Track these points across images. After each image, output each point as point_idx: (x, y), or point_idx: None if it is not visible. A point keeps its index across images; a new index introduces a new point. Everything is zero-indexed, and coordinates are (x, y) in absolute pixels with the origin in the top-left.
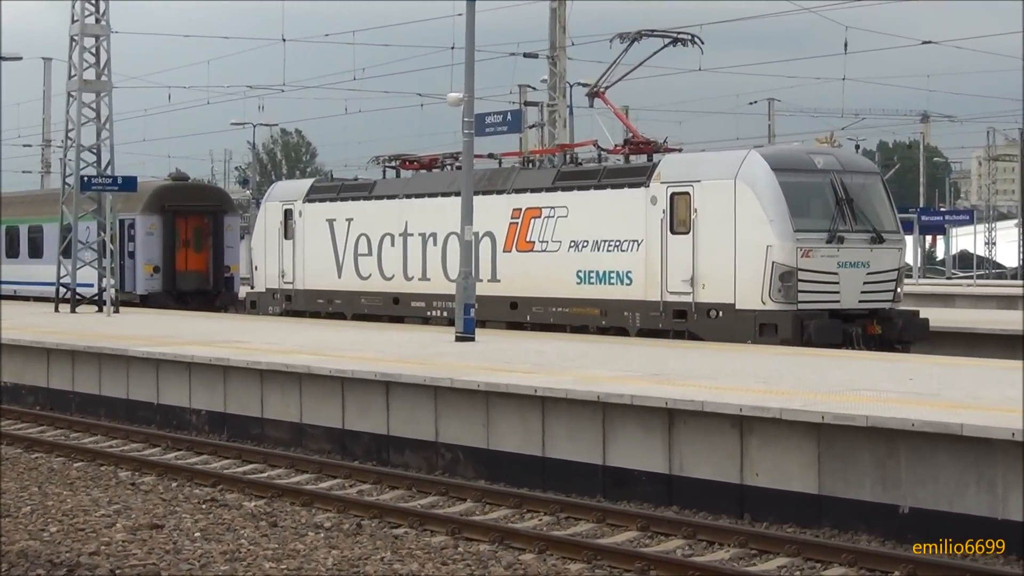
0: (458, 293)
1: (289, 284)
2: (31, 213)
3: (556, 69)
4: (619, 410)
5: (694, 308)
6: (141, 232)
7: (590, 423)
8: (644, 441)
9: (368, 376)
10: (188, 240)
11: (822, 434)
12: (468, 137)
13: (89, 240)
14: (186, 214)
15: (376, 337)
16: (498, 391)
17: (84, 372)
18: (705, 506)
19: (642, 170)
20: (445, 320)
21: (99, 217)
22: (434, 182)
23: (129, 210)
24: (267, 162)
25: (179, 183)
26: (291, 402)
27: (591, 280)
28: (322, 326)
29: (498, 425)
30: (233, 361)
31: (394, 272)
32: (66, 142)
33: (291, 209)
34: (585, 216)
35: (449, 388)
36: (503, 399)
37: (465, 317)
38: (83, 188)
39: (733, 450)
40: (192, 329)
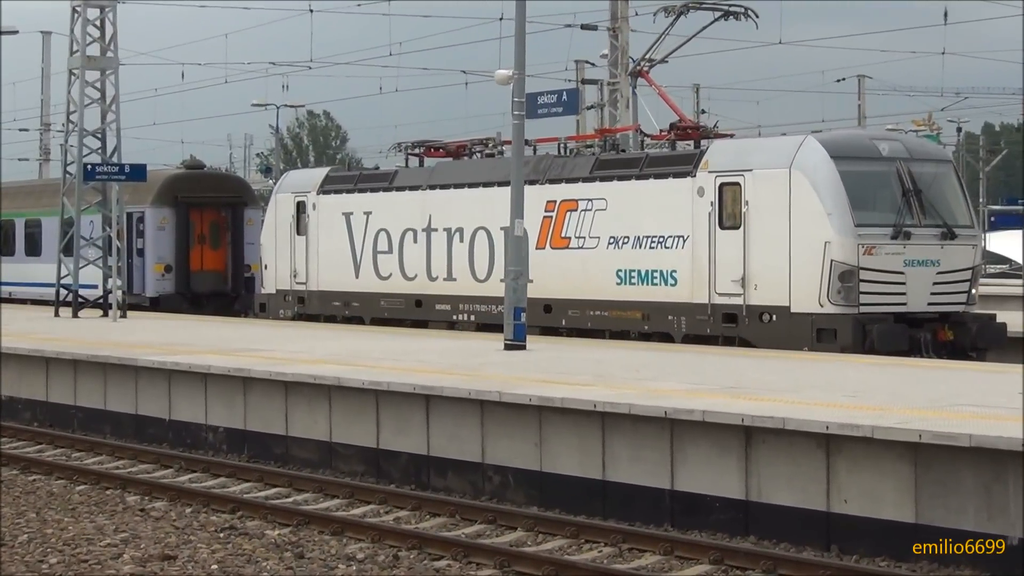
0: (507, 295)
1: (302, 285)
2: (28, 206)
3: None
4: (689, 428)
5: (745, 311)
6: (151, 227)
7: (656, 442)
8: (718, 463)
9: (406, 389)
10: (204, 236)
11: (919, 455)
12: (518, 120)
13: (93, 236)
14: (201, 207)
15: (415, 345)
16: (552, 406)
17: (87, 384)
18: (787, 536)
19: (688, 158)
20: (472, 325)
21: (104, 210)
22: (461, 171)
23: (138, 202)
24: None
25: (194, 172)
26: (319, 418)
27: (632, 280)
28: (353, 333)
29: (552, 444)
30: (254, 372)
31: (416, 272)
32: (67, 126)
33: (304, 201)
34: (626, 209)
35: (497, 402)
36: (558, 415)
37: (515, 322)
38: (86, 178)
39: (819, 473)
40: (208, 336)
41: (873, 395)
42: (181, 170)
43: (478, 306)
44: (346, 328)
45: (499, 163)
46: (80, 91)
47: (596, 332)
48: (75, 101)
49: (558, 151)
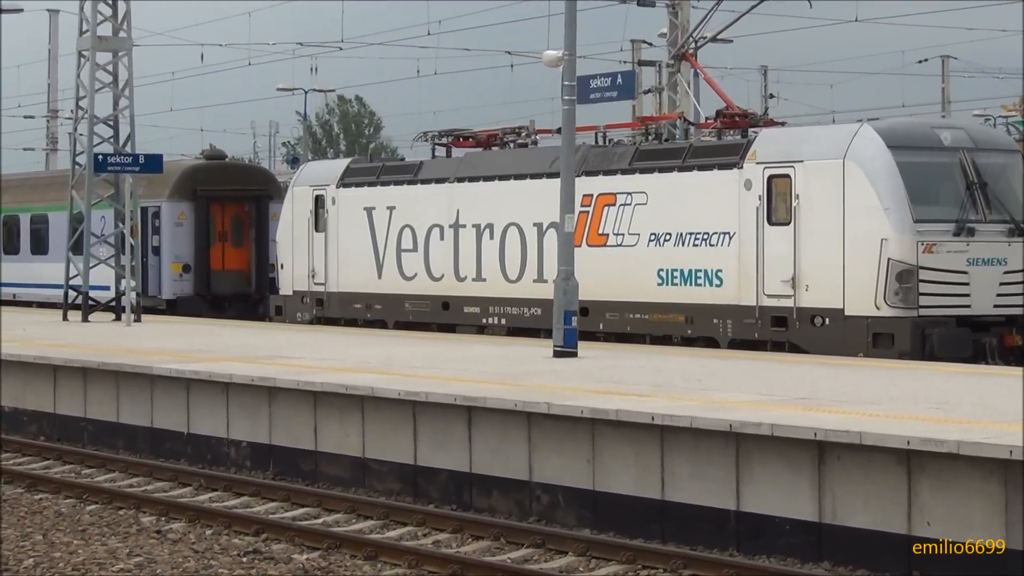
0: (557, 297)
1: (320, 286)
2: (34, 200)
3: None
4: (757, 442)
5: (795, 314)
6: (168, 223)
7: (721, 459)
8: (788, 481)
9: (446, 399)
10: (225, 233)
11: (1009, 473)
12: (569, 105)
13: (104, 233)
14: (223, 201)
15: (455, 351)
16: (606, 419)
17: (98, 394)
18: (864, 562)
19: (734, 148)
20: (503, 329)
21: (117, 204)
22: (492, 163)
23: (153, 196)
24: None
25: (214, 163)
26: (351, 432)
27: (674, 281)
28: (387, 339)
29: (607, 461)
30: (280, 381)
31: (443, 272)
32: (76, 112)
33: (323, 195)
34: (667, 203)
35: (546, 415)
36: (613, 429)
37: (565, 327)
38: (97, 169)
39: (899, 493)
40: (230, 342)
41: (959, 407)
42: (200, 161)
43: (509, 309)
44: (379, 333)
45: (533, 154)
46: (90, 74)
47: (636, 337)
48: (85, 85)
49: (595, 141)
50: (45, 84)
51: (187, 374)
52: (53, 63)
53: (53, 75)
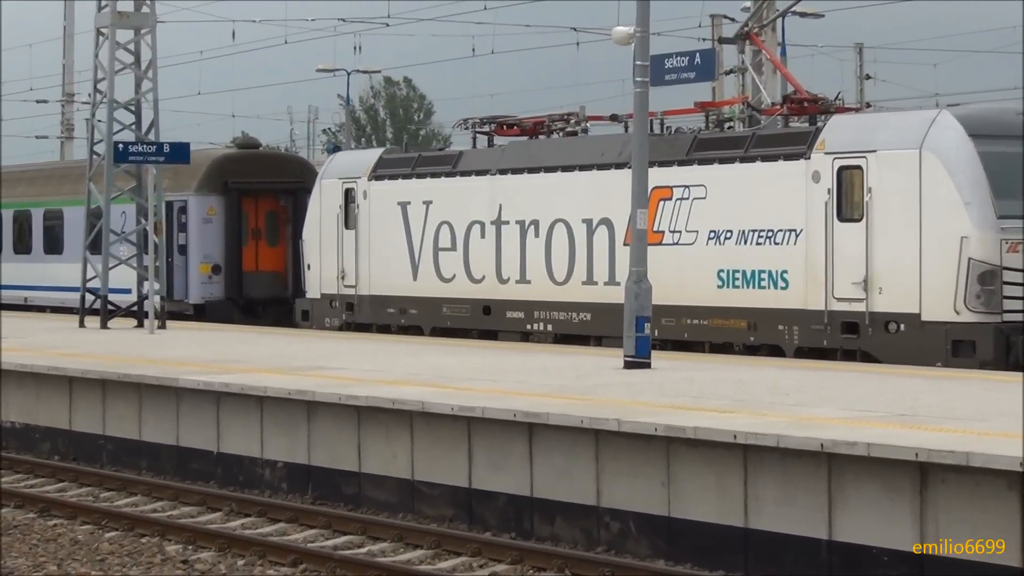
0: (628, 301)
1: (351, 288)
2: (47, 193)
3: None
4: (851, 464)
5: (868, 320)
6: (196, 219)
7: (811, 482)
8: (886, 507)
9: (504, 415)
10: (259, 230)
11: None
12: (641, 87)
13: (125, 230)
14: (256, 194)
15: (516, 361)
16: (683, 437)
17: (119, 409)
18: None
19: (801, 137)
20: (549, 336)
21: (139, 198)
22: (537, 153)
23: (179, 189)
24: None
25: (247, 152)
26: (399, 451)
27: (735, 283)
28: (439, 347)
29: (683, 484)
30: (320, 395)
31: (484, 273)
32: (94, 96)
33: (353, 189)
34: (728, 198)
35: (616, 432)
36: (690, 448)
37: (637, 335)
38: (117, 159)
39: (1011, 522)
40: (265, 351)
41: None
42: (232, 150)
43: (556, 313)
44: (427, 342)
45: (582, 143)
46: (110, 54)
47: (694, 345)
48: (104, 66)
49: (650, 129)
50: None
51: (217, 387)
52: (68, 41)
53: (68, 55)
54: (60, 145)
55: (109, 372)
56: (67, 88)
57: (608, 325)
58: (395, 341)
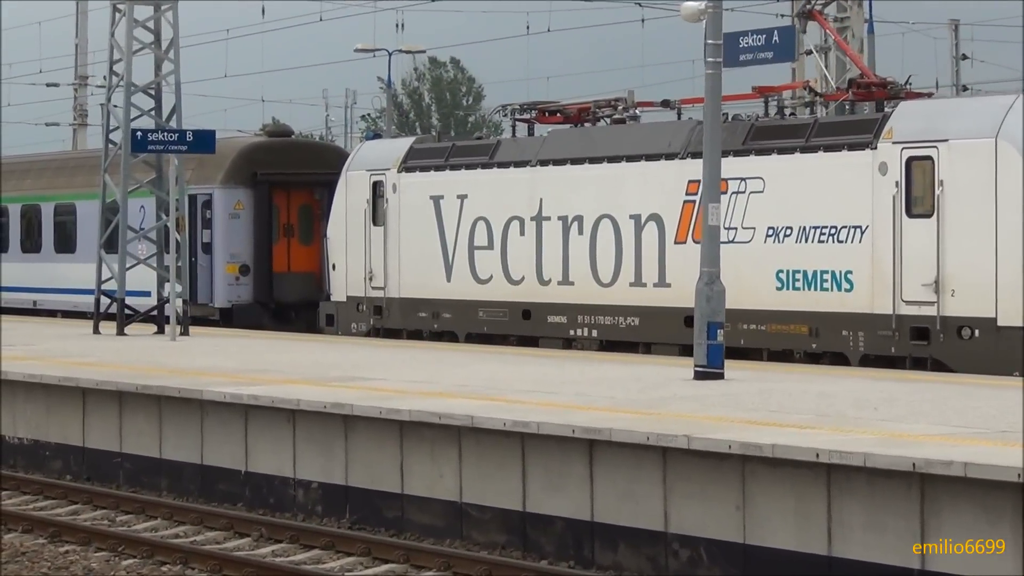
0: (699, 306)
1: (379, 290)
2: (58, 186)
3: None
4: (947, 485)
5: (939, 325)
6: (222, 214)
7: (902, 505)
8: (985, 534)
9: (562, 431)
10: (291, 226)
11: None
12: (713, 69)
13: (144, 226)
14: (289, 187)
15: (575, 371)
16: (760, 455)
17: (137, 424)
18: None
19: (867, 125)
20: (594, 343)
21: (159, 191)
22: (581, 142)
23: (204, 181)
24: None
25: (278, 140)
26: (446, 471)
27: (796, 284)
28: (490, 356)
29: (760, 507)
30: (359, 408)
31: (523, 273)
32: (110, 79)
33: (381, 181)
34: (788, 191)
35: (685, 450)
36: (768, 468)
37: (709, 343)
38: (135, 148)
39: None
40: (298, 360)
41: None
42: (261, 138)
43: (601, 318)
44: (479, 350)
45: (631, 131)
46: (127, 33)
47: (751, 352)
48: (120, 46)
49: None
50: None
51: (245, 399)
52: (81, 18)
53: (81, 34)
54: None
55: (126, 383)
56: (80, 70)
57: (658, 331)
58: (441, 349)
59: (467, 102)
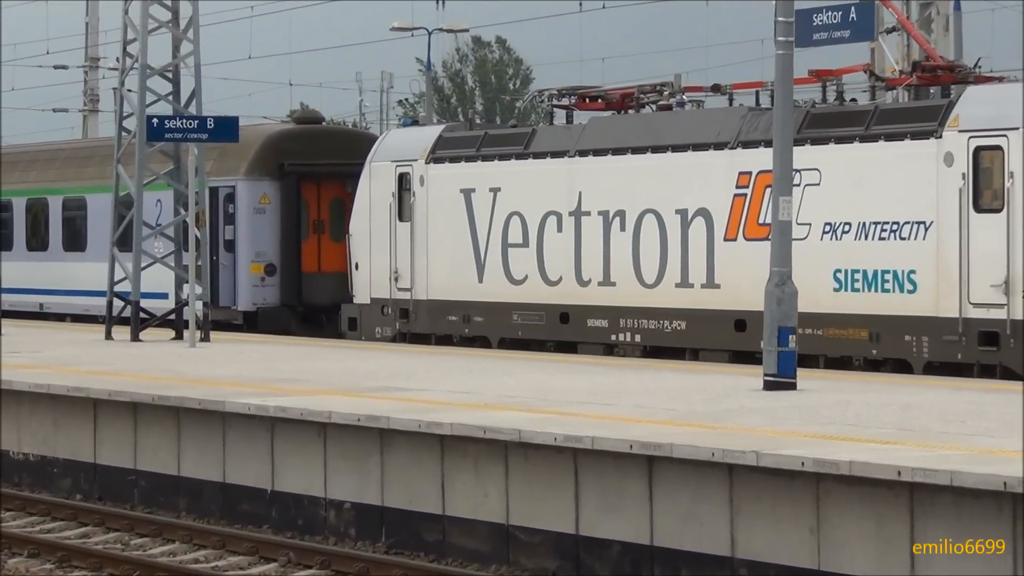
0: (769, 309)
1: (406, 292)
2: (67, 178)
3: None
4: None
5: (1009, 329)
6: (246, 208)
7: (991, 528)
8: None
9: (619, 447)
10: (322, 222)
11: None
12: (784, 49)
13: (161, 222)
14: (319, 179)
15: (633, 381)
16: (836, 473)
17: (153, 438)
18: None
19: (931, 112)
20: (638, 348)
21: (177, 184)
22: (624, 131)
23: (226, 172)
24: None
25: (307, 128)
26: (491, 490)
27: (855, 285)
28: (539, 364)
29: (836, 530)
30: (396, 421)
31: (561, 273)
32: (123, 61)
33: (408, 173)
34: (846, 184)
35: (754, 468)
36: (845, 487)
37: (780, 350)
38: (151, 136)
39: None
40: (329, 368)
41: None
42: (289, 125)
43: (645, 322)
44: (529, 357)
45: (678, 119)
46: (143, 11)
47: (807, 359)
48: (135, 25)
49: (755, 101)
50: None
51: (271, 411)
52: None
53: (92, 12)
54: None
55: (142, 393)
56: (91, 51)
57: (707, 336)
58: (485, 356)
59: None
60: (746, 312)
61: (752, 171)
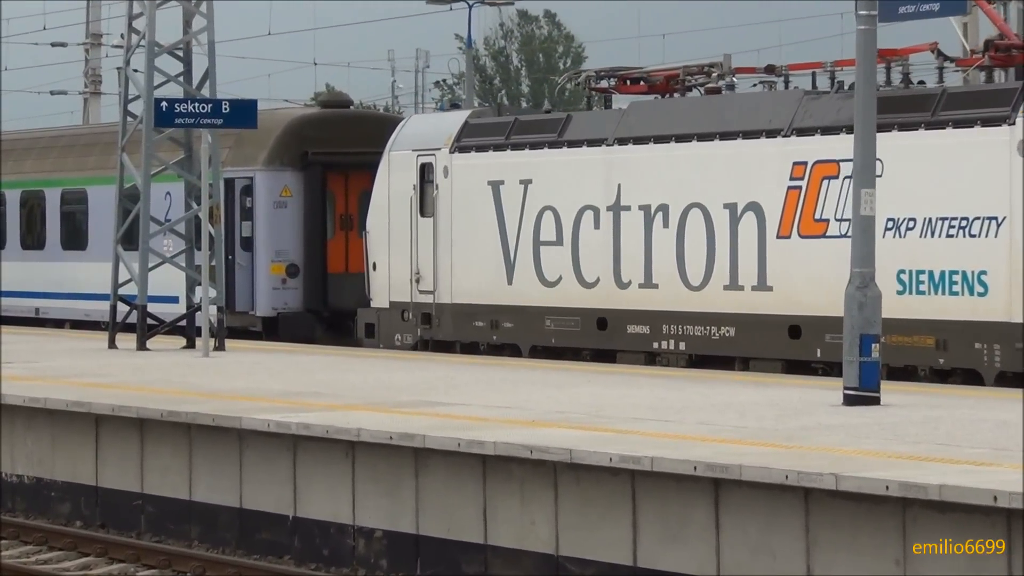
0: (849, 314)
1: (428, 295)
2: (66, 168)
3: None
4: None
5: None
6: (265, 202)
7: None
8: None
9: (682, 468)
10: (350, 217)
11: None
12: (867, 24)
13: (170, 217)
14: (347, 169)
15: (696, 395)
16: (925, 498)
17: (162, 459)
18: None
19: (1004, 95)
20: (682, 357)
21: (189, 175)
22: (667, 117)
23: (243, 162)
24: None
25: (334, 112)
26: (539, 517)
27: (920, 287)
28: (594, 376)
29: (925, 562)
30: (432, 439)
31: (598, 274)
32: (128, 38)
33: (431, 164)
34: (911, 175)
35: (832, 492)
36: (936, 514)
37: (862, 360)
38: (160, 122)
39: None
40: (357, 380)
41: None
42: (313, 110)
43: (690, 328)
44: (582, 368)
45: (726, 103)
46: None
47: None
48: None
49: (812, 84)
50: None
51: (293, 429)
52: None
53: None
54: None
55: (149, 408)
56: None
57: (758, 343)
58: (532, 367)
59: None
60: (801, 317)
61: (808, 161)
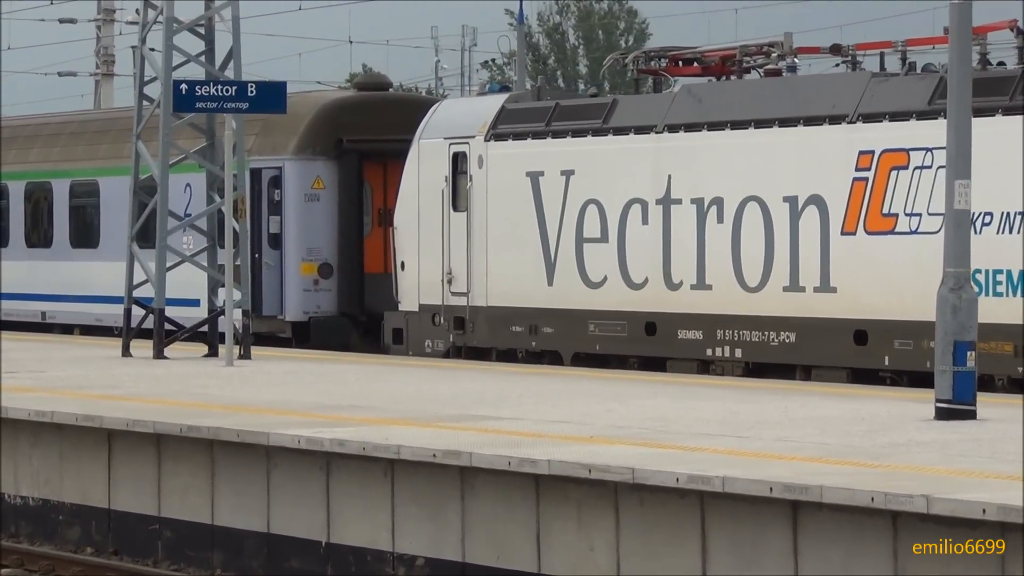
0: (942, 319)
1: (461, 297)
2: (76, 157)
3: None
4: None
5: None
6: (295, 195)
7: None
8: None
9: (756, 489)
10: (387, 211)
11: None
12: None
13: (191, 211)
14: (385, 158)
15: (773, 408)
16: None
17: (180, 478)
18: None
19: None
20: (739, 365)
21: (211, 165)
22: (721, 102)
23: (271, 150)
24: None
25: (371, 96)
26: (599, 542)
27: (997, 288)
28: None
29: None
30: (480, 457)
31: (647, 274)
32: (144, 14)
33: (464, 153)
34: (986, 165)
35: (923, 516)
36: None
37: (956, 369)
38: (179, 106)
39: None
40: (396, 392)
41: None
42: (348, 93)
43: (747, 333)
44: (640, 379)
45: (787, 86)
46: None
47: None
48: None
49: (880, 65)
50: None
51: (326, 445)
52: None
53: None
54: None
55: (167, 423)
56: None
57: (821, 350)
58: (590, 377)
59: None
60: (867, 321)
61: (875, 150)
